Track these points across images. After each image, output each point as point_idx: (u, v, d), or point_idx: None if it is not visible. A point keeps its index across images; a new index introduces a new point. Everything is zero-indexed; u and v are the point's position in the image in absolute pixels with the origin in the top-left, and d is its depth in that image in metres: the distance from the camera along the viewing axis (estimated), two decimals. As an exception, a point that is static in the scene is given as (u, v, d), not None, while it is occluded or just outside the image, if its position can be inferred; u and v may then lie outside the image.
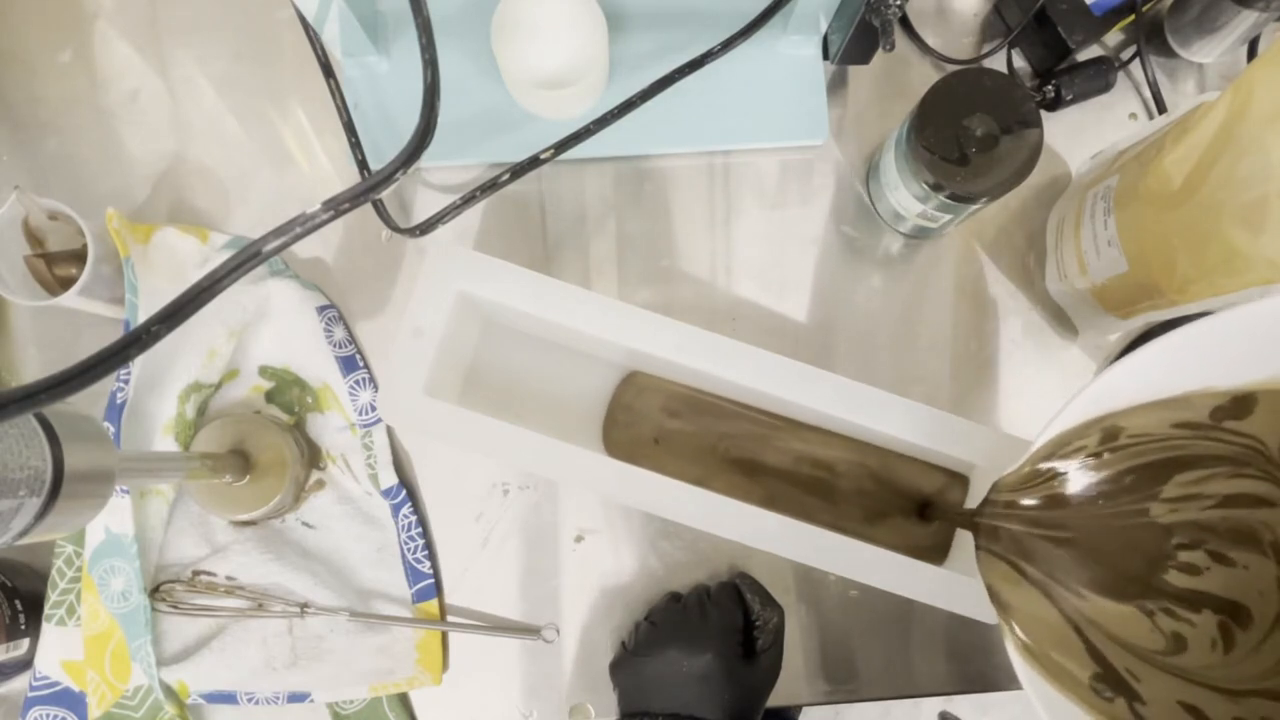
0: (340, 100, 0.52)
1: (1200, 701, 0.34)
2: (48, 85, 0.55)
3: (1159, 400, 0.35)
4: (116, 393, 0.48)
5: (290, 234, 0.29)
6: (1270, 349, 0.34)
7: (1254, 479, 0.36)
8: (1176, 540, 0.37)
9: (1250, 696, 0.35)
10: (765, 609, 0.48)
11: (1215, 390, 0.35)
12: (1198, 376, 0.35)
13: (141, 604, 0.48)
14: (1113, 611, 0.36)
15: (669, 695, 0.45)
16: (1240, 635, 0.36)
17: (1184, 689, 0.35)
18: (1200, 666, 0.35)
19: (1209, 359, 0.34)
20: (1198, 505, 0.37)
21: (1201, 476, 0.36)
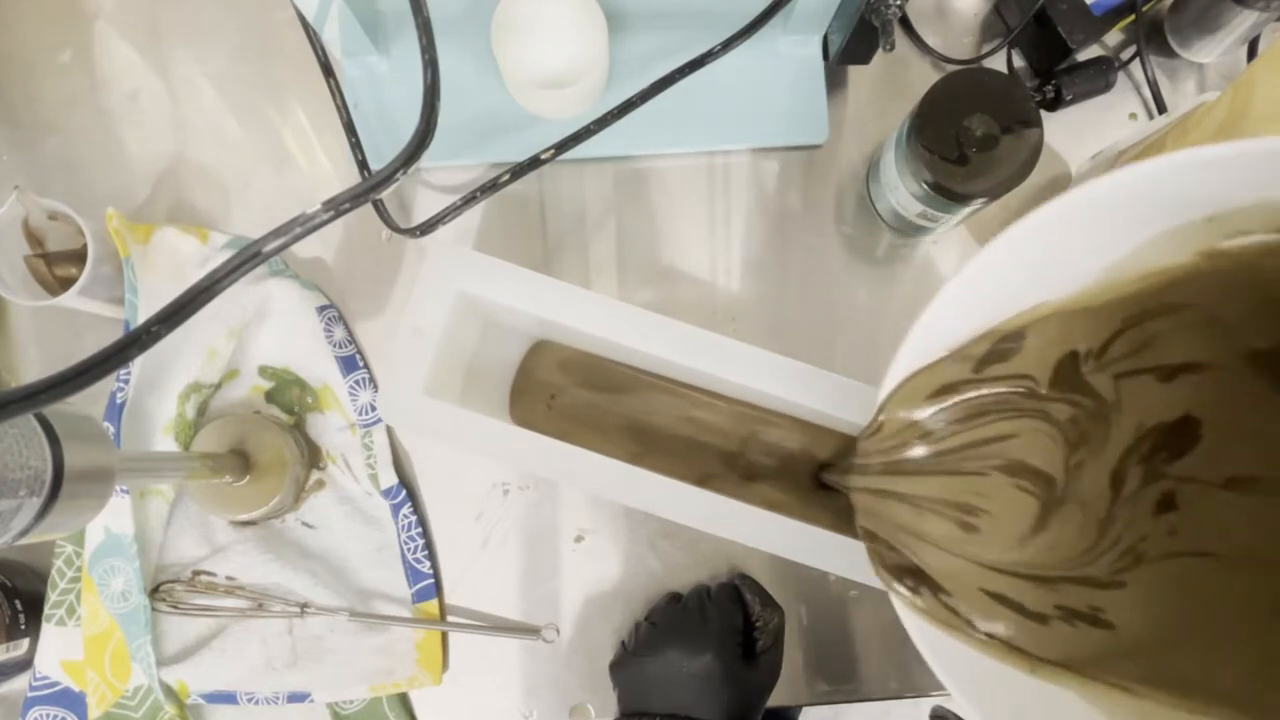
0: (340, 100, 0.52)
1: (1006, 589, 0.35)
2: (48, 85, 0.55)
3: (949, 354, 0.35)
4: (116, 393, 0.48)
5: (290, 234, 0.29)
6: (1031, 279, 0.33)
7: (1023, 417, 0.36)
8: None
9: (1065, 583, 0.35)
10: (765, 610, 0.48)
11: (991, 331, 0.35)
12: (981, 320, 0.35)
13: (141, 604, 0.48)
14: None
15: (669, 696, 0.45)
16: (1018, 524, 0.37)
17: (985, 576, 0.35)
18: (999, 556, 0.36)
19: (986, 301, 0.34)
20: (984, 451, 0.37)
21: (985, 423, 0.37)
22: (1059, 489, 0.37)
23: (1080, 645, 0.34)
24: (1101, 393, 0.36)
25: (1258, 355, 0.34)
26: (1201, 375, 0.35)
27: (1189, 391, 0.35)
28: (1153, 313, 0.34)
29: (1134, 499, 0.36)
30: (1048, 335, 0.35)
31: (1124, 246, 0.32)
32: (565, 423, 0.51)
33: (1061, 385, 0.36)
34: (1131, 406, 0.36)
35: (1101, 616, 0.35)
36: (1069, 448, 0.36)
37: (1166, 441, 0.36)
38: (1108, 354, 0.35)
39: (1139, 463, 0.36)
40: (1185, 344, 0.35)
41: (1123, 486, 0.36)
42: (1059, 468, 0.37)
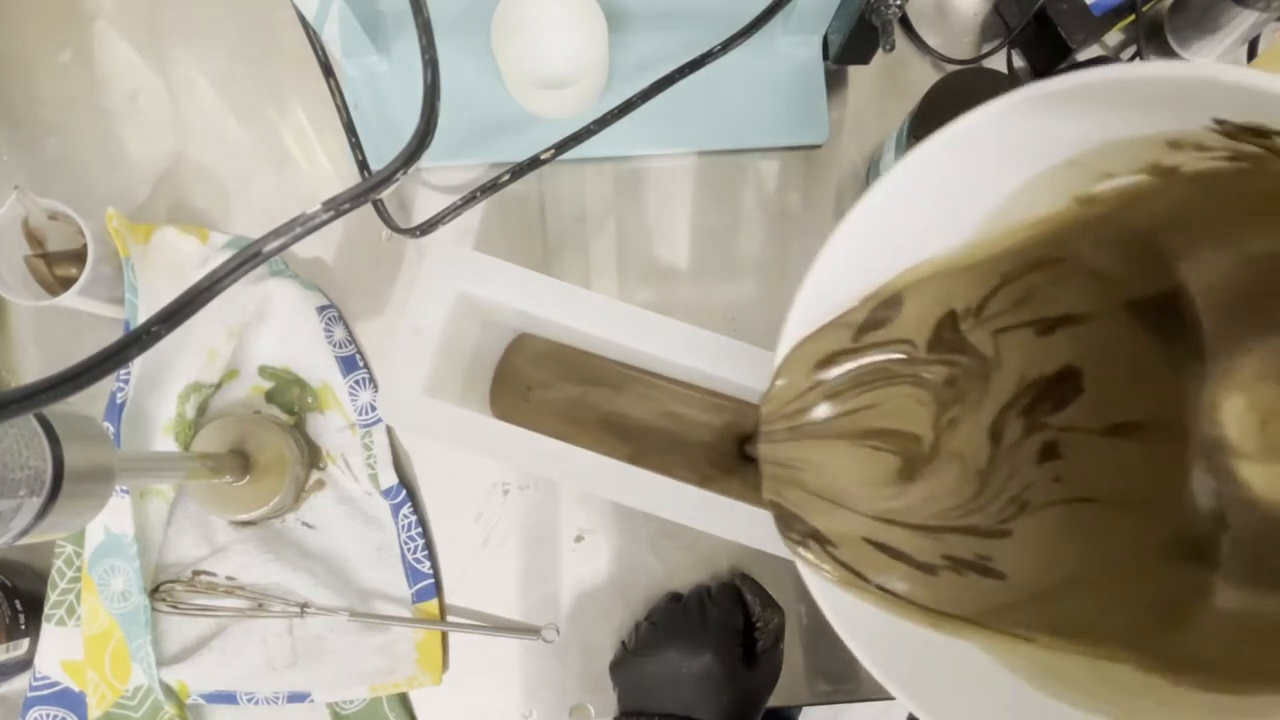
0: (340, 100, 0.52)
1: (890, 539, 0.35)
2: (48, 85, 0.55)
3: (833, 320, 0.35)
4: (116, 393, 0.48)
5: (290, 234, 0.29)
6: (908, 236, 0.33)
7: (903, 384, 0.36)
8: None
9: (949, 533, 0.35)
10: (766, 610, 0.48)
11: (873, 295, 0.35)
12: (862, 283, 0.34)
13: (141, 604, 0.48)
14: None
15: (668, 695, 0.45)
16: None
17: (868, 526, 0.35)
18: (881, 507, 0.36)
19: (866, 262, 0.34)
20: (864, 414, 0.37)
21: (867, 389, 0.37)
22: (925, 445, 0.37)
23: (974, 596, 0.34)
24: (981, 350, 0.36)
25: (1135, 304, 0.34)
26: (1081, 327, 0.35)
27: (1069, 343, 0.35)
28: (1031, 266, 0.34)
29: (1015, 450, 0.36)
30: (926, 297, 0.34)
31: (995, 195, 0.31)
32: (541, 415, 0.51)
33: (940, 346, 0.35)
34: (1011, 361, 0.36)
35: (990, 566, 0.35)
36: (940, 407, 0.36)
37: (1048, 393, 0.36)
38: (986, 310, 0.35)
39: (1020, 415, 0.36)
40: (1064, 296, 0.35)
41: (1002, 439, 0.36)
42: (925, 427, 0.36)
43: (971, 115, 0.27)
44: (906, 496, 0.36)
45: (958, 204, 0.32)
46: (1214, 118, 0.25)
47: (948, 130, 0.28)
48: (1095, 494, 0.36)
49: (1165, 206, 0.30)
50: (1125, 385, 0.35)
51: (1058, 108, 0.27)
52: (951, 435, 0.36)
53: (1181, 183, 0.29)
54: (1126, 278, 0.34)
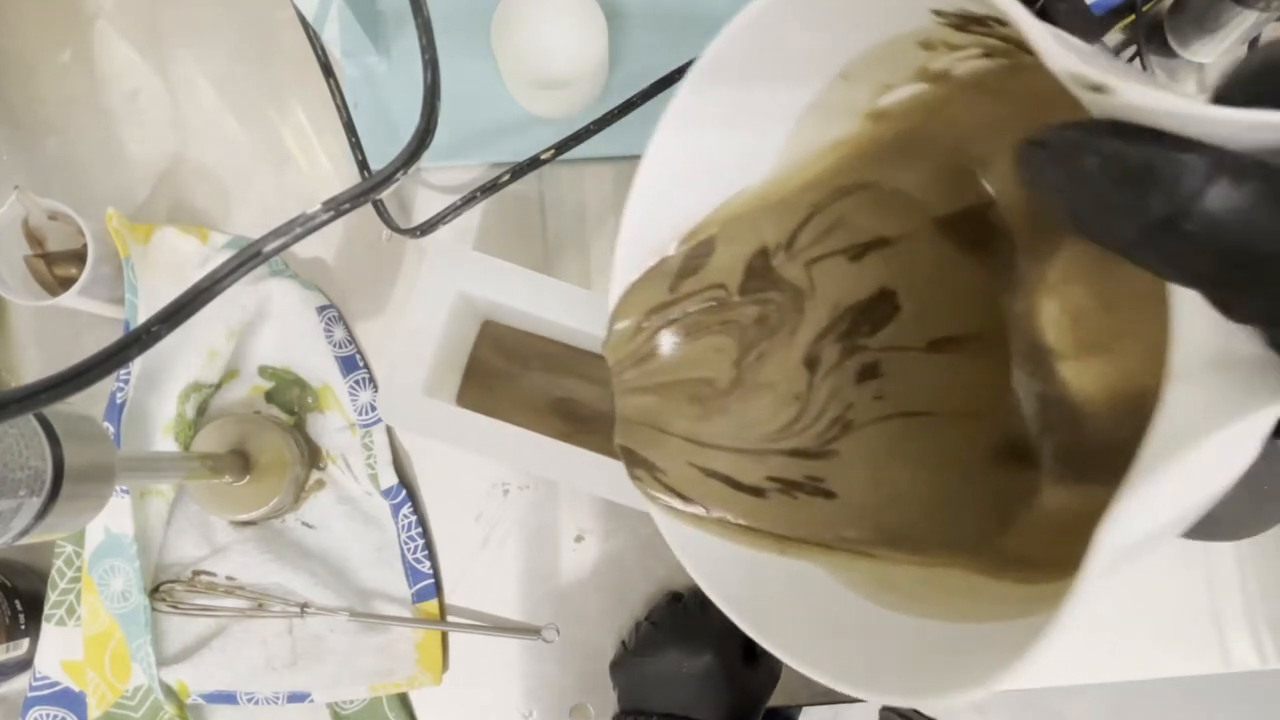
0: (340, 100, 0.52)
1: (710, 460, 0.35)
2: (48, 85, 0.55)
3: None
4: (116, 393, 0.48)
5: (290, 234, 0.29)
6: (710, 170, 0.33)
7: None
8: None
9: (772, 456, 0.36)
10: (765, 609, 0.48)
11: (689, 234, 0.34)
12: (678, 221, 0.34)
13: (141, 604, 0.48)
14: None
15: (668, 695, 0.45)
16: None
17: (693, 451, 0.35)
18: (695, 430, 0.36)
19: (679, 198, 0.33)
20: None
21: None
22: (722, 384, 0.37)
23: (809, 517, 0.34)
24: (795, 283, 0.36)
25: (945, 221, 0.34)
26: (892, 249, 0.35)
27: (881, 266, 0.36)
28: (840, 193, 0.34)
29: (834, 373, 0.36)
30: (736, 237, 0.34)
31: (784, 119, 0.31)
32: (498, 400, 0.50)
33: (752, 287, 0.35)
34: (825, 290, 0.36)
35: (821, 486, 0.35)
36: (742, 349, 0.36)
37: (864, 316, 0.36)
38: (796, 243, 0.35)
39: (836, 340, 0.36)
40: (873, 221, 0.35)
41: (819, 365, 0.36)
42: (724, 368, 0.36)
43: (711, 44, 0.27)
44: (718, 425, 0.36)
45: (750, 133, 0.32)
46: (931, 9, 0.25)
47: (697, 63, 0.28)
48: (920, 408, 0.36)
49: (955, 115, 0.30)
50: (942, 302, 0.36)
51: (785, 22, 0.27)
52: (758, 369, 0.36)
53: (960, 88, 0.29)
54: (935, 196, 0.34)
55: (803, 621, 0.31)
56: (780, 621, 0.30)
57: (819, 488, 0.35)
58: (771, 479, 0.35)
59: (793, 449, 0.36)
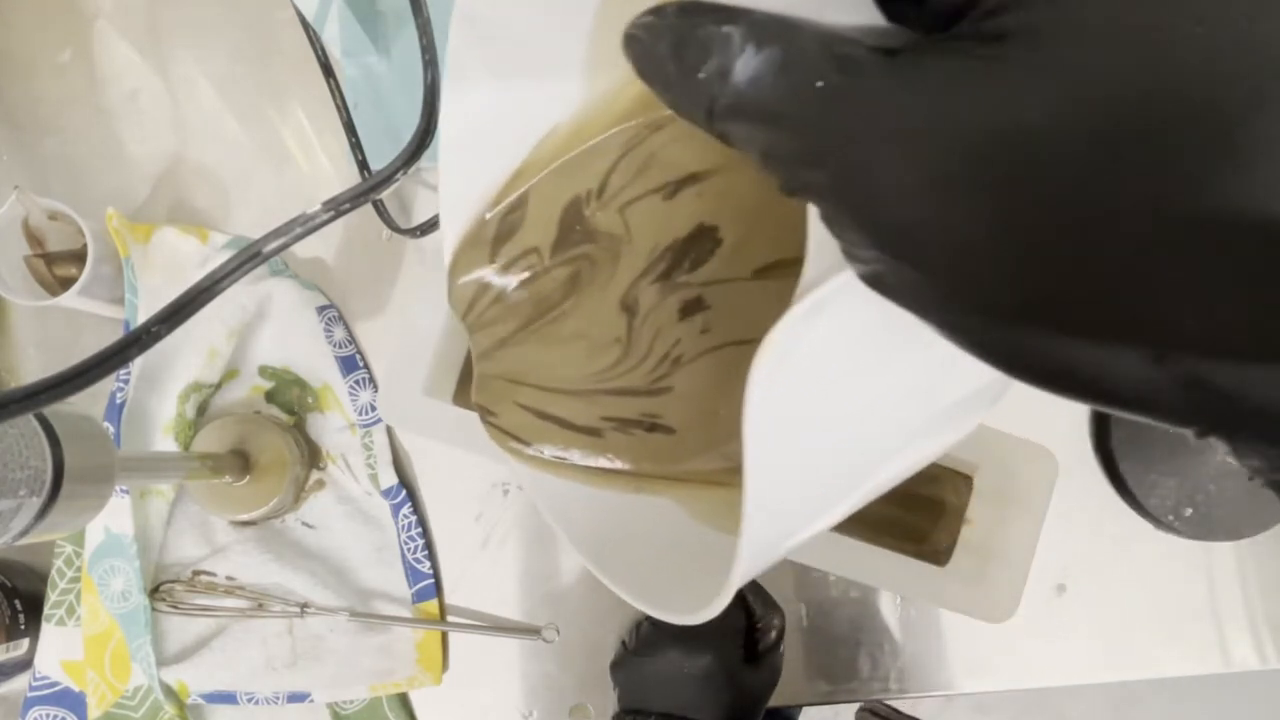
0: (340, 100, 0.52)
1: (543, 404, 0.35)
2: (48, 85, 0.55)
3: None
4: (116, 393, 0.48)
5: (290, 234, 0.29)
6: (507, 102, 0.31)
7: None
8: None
9: (602, 396, 0.35)
10: (767, 611, 0.48)
11: (504, 190, 0.33)
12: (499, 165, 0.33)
13: (141, 604, 0.48)
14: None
15: (668, 695, 0.45)
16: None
17: (517, 392, 0.35)
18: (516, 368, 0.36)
19: (483, 147, 0.32)
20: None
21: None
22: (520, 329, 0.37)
23: (650, 452, 0.34)
24: (609, 230, 0.35)
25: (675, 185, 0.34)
26: (706, 183, 0.35)
27: (696, 202, 0.35)
28: (651, 127, 0.33)
29: (654, 314, 0.36)
30: (548, 192, 0.34)
31: (575, 39, 0.30)
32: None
33: (568, 242, 0.35)
34: (641, 233, 0.35)
35: (659, 422, 0.35)
36: (542, 309, 0.36)
37: (683, 255, 0.35)
38: (608, 188, 0.34)
39: (654, 281, 0.36)
40: (685, 154, 0.34)
41: (638, 308, 0.36)
42: (515, 327, 0.36)
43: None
44: (546, 372, 0.36)
45: (546, 68, 0.31)
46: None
47: (455, 11, 0.27)
48: (751, 335, 0.35)
49: None
50: (761, 230, 0.35)
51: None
52: (562, 323, 0.36)
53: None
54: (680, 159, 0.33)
55: (650, 557, 0.30)
56: (626, 558, 0.30)
57: (656, 424, 0.35)
58: (606, 419, 0.35)
59: (624, 388, 0.36)
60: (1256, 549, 0.52)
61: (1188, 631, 0.52)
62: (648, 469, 0.34)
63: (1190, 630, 0.52)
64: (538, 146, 0.33)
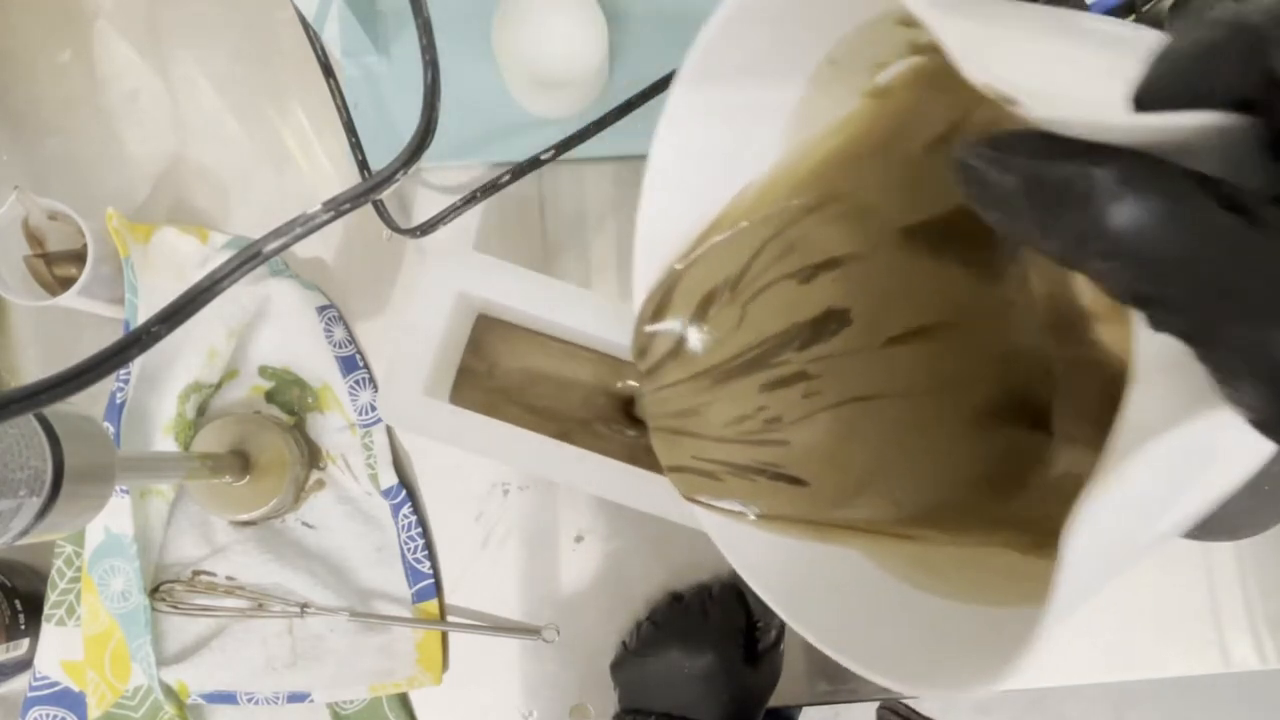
0: (340, 100, 0.52)
1: (703, 451, 0.36)
2: (48, 85, 0.55)
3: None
4: (116, 393, 0.48)
5: (290, 234, 0.29)
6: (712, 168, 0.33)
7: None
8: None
9: (738, 445, 0.36)
10: (767, 610, 0.48)
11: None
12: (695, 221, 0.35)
13: (141, 604, 0.48)
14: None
15: (669, 695, 0.45)
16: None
17: (683, 439, 0.37)
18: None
19: (686, 198, 0.34)
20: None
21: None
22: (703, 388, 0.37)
23: (790, 500, 0.35)
24: (735, 312, 0.36)
25: (912, 230, 0.34)
26: (847, 267, 0.35)
27: (830, 286, 0.36)
28: (805, 211, 0.34)
29: (767, 387, 0.36)
30: (711, 260, 0.35)
31: (781, 110, 0.31)
32: (495, 399, 0.50)
33: (706, 317, 0.36)
34: (762, 318, 0.36)
35: (783, 472, 0.36)
36: (700, 364, 0.37)
37: (807, 336, 0.36)
38: (750, 271, 0.35)
39: (765, 358, 0.36)
40: (831, 240, 0.35)
41: (750, 375, 0.37)
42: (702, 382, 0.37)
43: (690, 51, 0.27)
44: (702, 422, 0.37)
45: (747, 129, 0.32)
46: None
47: (681, 69, 0.28)
48: (868, 393, 0.36)
49: (957, 91, 0.30)
50: (904, 303, 0.35)
51: (755, 21, 0.27)
52: (712, 379, 0.37)
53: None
54: (909, 199, 0.34)
55: (842, 609, 0.31)
56: (818, 609, 0.30)
57: (780, 473, 0.36)
58: (743, 467, 0.36)
59: (753, 440, 0.36)
60: (1256, 549, 0.52)
61: (1188, 631, 0.52)
62: (788, 512, 0.34)
63: (1190, 630, 0.52)
64: (730, 203, 0.34)
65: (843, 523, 0.34)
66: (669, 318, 0.35)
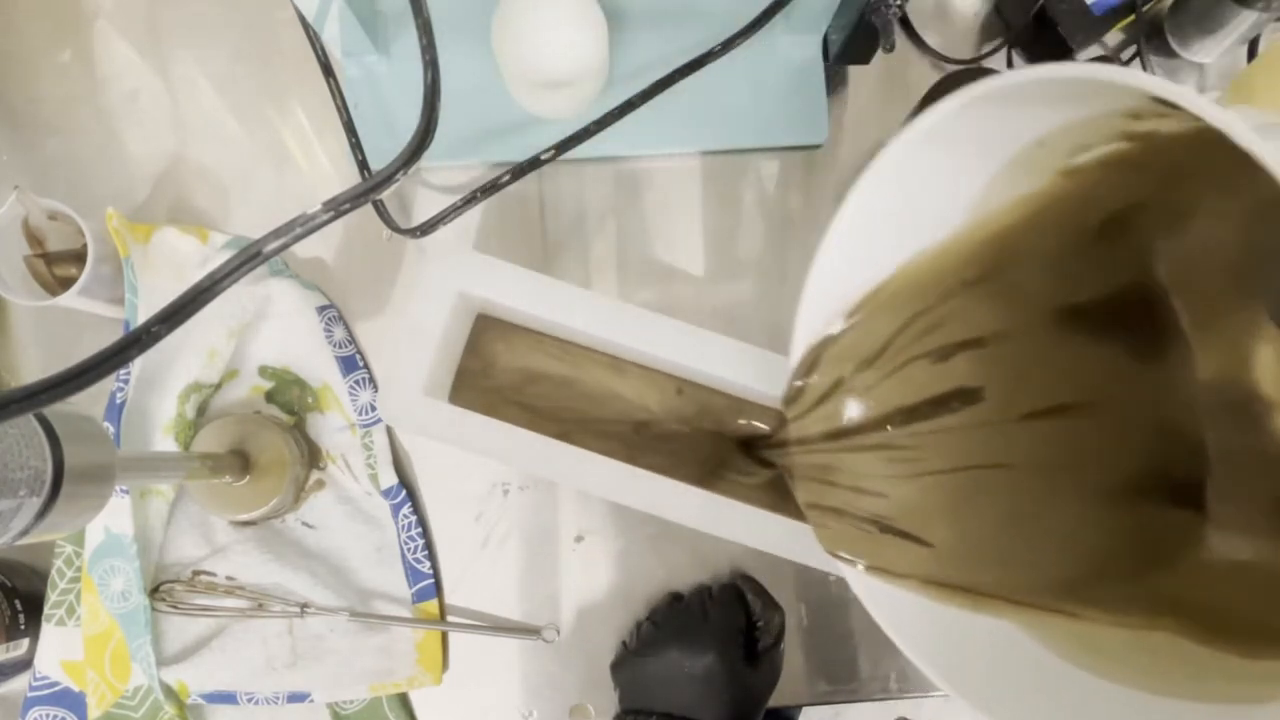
0: (340, 100, 0.52)
1: (844, 503, 0.38)
2: (48, 85, 0.55)
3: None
4: (116, 393, 0.48)
5: (290, 234, 0.29)
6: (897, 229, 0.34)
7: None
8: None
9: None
10: (766, 610, 0.48)
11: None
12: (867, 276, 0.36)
13: (141, 604, 0.48)
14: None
15: (670, 695, 0.45)
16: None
17: (825, 492, 0.38)
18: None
19: (861, 259, 0.35)
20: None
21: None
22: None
23: (916, 559, 0.36)
24: (866, 389, 0.37)
25: (1068, 312, 0.35)
26: (989, 348, 0.36)
27: (967, 365, 0.36)
28: (964, 285, 0.34)
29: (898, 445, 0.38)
30: (867, 328, 0.36)
31: (974, 183, 0.32)
32: (493, 399, 0.50)
33: (841, 388, 0.37)
34: (899, 388, 0.37)
35: (901, 529, 0.36)
36: (839, 425, 0.38)
37: (938, 409, 0.37)
38: (890, 348, 0.36)
39: (904, 421, 0.37)
40: (982, 319, 0.35)
41: (878, 430, 0.38)
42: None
43: (925, 117, 0.28)
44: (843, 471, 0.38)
45: (938, 196, 0.32)
46: (1152, 96, 0.25)
47: (905, 132, 0.29)
48: (996, 463, 0.36)
49: (1150, 172, 0.30)
50: (1041, 382, 0.36)
51: (1000, 104, 0.27)
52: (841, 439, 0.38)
53: (1163, 145, 0.29)
54: (1083, 277, 0.34)
55: (999, 678, 0.31)
56: (974, 676, 0.30)
57: (899, 529, 0.36)
58: (872, 519, 0.37)
59: (874, 493, 0.37)
60: (1256, 549, 0.52)
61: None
62: (922, 573, 0.35)
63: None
64: (896, 270, 0.35)
65: (986, 591, 0.34)
66: (817, 375, 0.37)
